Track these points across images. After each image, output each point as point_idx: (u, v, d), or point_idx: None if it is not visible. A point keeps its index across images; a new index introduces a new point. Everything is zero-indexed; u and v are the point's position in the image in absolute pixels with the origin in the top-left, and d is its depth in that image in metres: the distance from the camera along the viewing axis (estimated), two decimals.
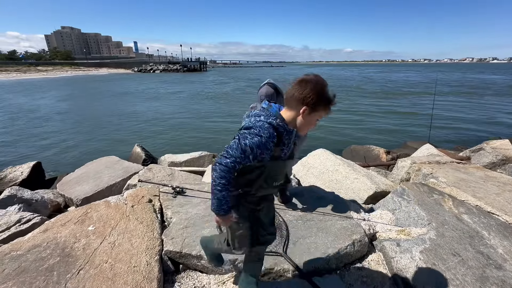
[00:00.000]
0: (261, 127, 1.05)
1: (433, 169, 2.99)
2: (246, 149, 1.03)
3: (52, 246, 1.81)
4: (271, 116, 1.09)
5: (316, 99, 1.03)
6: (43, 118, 13.14)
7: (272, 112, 1.10)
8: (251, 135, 1.04)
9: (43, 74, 60.51)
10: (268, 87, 1.98)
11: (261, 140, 1.03)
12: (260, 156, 1.06)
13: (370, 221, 2.11)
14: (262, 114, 1.10)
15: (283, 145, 1.12)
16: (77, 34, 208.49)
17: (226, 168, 1.05)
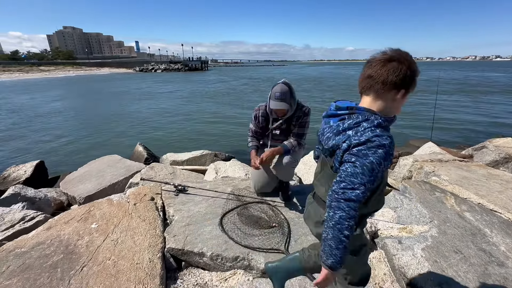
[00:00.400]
0: (378, 135, 0.83)
1: (435, 167, 2.98)
2: (374, 168, 0.82)
3: (56, 244, 1.83)
4: (372, 116, 0.88)
5: (413, 77, 0.87)
6: (45, 117, 13.22)
7: (367, 113, 0.89)
8: (371, 149, 0.82)
9: (46, 74, 60.82)
10: (283, 85, 1.99)
11: (387, 150, 0.83)
12: (386, 167, 0.87)
13: (371, 219, 2.11)
14: (361, 120, 0.88)
15: None
16: (78, 34, 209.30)
17: (358, 202, 0.82)
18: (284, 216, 2.08)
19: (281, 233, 1.88)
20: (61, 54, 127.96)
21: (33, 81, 41.93)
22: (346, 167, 0.85)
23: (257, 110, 2.24)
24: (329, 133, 0.95)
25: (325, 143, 0.96)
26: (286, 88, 1.98)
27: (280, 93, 1.95)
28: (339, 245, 0.84)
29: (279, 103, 1.95)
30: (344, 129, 0.90)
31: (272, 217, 2.09)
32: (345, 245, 0.84)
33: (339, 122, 0.93)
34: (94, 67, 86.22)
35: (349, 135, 0.88)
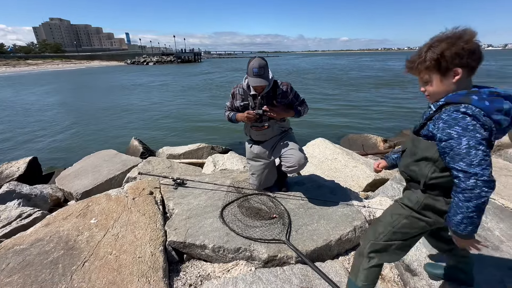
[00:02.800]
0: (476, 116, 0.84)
1: None
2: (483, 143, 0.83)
3: (55, 240, 1.81)
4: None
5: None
6: (36, 112, 12.92)
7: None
8: (473, 131, 0.83)
9: (33, 67, 59.08)
10: (259, 59, 1.96)
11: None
12: None
13: (370, 208, 2.15)
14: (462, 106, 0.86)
15: None
16: (66, 26, 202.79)
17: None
18: (284, 207, 2.09)
19: (281, 224, 1.90)
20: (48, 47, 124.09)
21: (20, 75, 40.72)
22: (463, 152, 0.87)
23: (235, 88, 2.21)
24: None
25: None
26: (264, 62, 1.95)
27: (258, 69, 1.92)
28: (479, 215, 0.87)
29: (258, 79, 1.93)
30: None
31: (272, 208, 2.10)
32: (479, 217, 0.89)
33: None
34: (84, 60, 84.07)
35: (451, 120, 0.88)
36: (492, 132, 0.84)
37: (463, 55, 0.84)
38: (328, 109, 11.99)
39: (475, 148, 0.81)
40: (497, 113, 0.83)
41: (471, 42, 0.84)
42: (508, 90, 0.88)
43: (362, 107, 12.36)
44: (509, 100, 0.84)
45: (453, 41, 0.85)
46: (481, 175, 0.81)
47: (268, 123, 2.17)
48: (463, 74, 0.86)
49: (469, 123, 0.82)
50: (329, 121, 9.91)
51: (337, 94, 16.32)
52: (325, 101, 13.92)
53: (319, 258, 1.71)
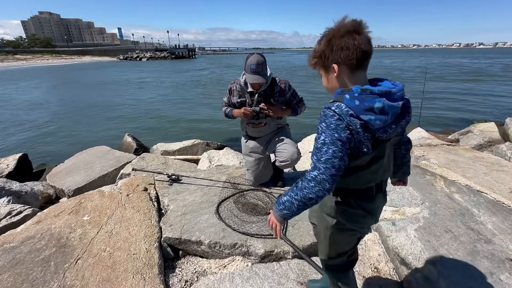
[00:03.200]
0: None
1: (424, 151, 3.05)
2: None
3: (47, 237, 1.77)
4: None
5: None
6: (26, 108, 12.61)
7: None
8: None
9: (22, 62, 57.55)
10: (258, 56, 1.95)
11: None
12: None
13: None
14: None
15: None
16: (56, 20, 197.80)
17: None
18: None
19: None
20: (38, 41, 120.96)
21: (9, 70, 39.62)
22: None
23: (232, 84, 2.19)
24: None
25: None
26: (262, 59, 1.94)
27: (256, 65, 1.90)
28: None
29: (256, 76, 1.91)
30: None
31: (269, 203, 2.09)
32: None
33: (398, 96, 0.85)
34: (75, 55, 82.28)
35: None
36: (356, 133, 0.79)
37: (336, 51, 0.80)
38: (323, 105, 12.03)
39: (327, 146, 0.79)
40: (367, 113, 0.77)
41: (345, 37, 0.78)
42: (387, 85, 0.82)
43: None
44: (385, 97, 0.78)
45: (329, 37, 0.81)
46: (322, 172, 0.80)
47: (265, 121, 2.16)
48: (342, 70, 0.83)
49: (333, 122, 0.79)
50: None
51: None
52: (319, 98, 13.96)
53: (316, 253, 1.70)
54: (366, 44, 0.79)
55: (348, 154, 0.80)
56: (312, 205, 0.86)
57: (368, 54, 0.80)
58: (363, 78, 0.85)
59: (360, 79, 0.84)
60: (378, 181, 0.93)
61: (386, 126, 0.81)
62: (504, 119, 4.82)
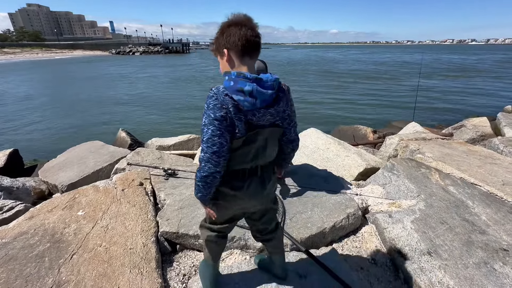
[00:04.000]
0: None
1: (419, 145, 3.08)
2: None
3: (41, 233, 1.74)
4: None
5: None
6: (16, 103, 12.29)
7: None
8: None
9: (11, 56, 55.95)
10: (259, 62, 1.91)
11: None
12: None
13: (362, 196, 2.17)
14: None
15: None
16: (45, 13, 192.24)
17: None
18: (278, 196, 2.08)
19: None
20: (27, 35, 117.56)
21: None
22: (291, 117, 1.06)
23: None
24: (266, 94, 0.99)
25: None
26: (262, 65, 1.90)
27: (257, 71, 1.87)
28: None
29: None
30: (280, 90, 1.02)
31: None
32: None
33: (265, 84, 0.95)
34: (65, 49, 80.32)
35: (285, 93, 1.02)
36: (229, 112, 0.88)
37: (226, 38, 0.89)
38: (319, 101, 12.04)
39: (207, 126, 0.89)
40: (238, 93, 0.86)
41: (232, 27, 0.88)
42: (265, 76, 0.92)
43: (352, 99, 12.48)
44: (256, 83, 0.88)
45: (222, 26, 0.91)
46: (205, 152, 0.91)
47: None
48: (231, 55, 0.91)
49: (211, 102, 0.89)
50: (320, 112, 9.97)
51: (326, 86, 16.40)
52: (315, 93, 13.96)
53: (314, 245, 1.71)
54: (250, 34, 0.88)
55: (228, 131, 0.89)
56: (212, 182, 0.96)
57: (252, 44, 0.89)
58: (250, 66, 0.94)
59: (245, 66, 0.93)
60: (251, 165, 1.00)
61: (254, 110, 0.89)
62: (496, 114, 4.90)
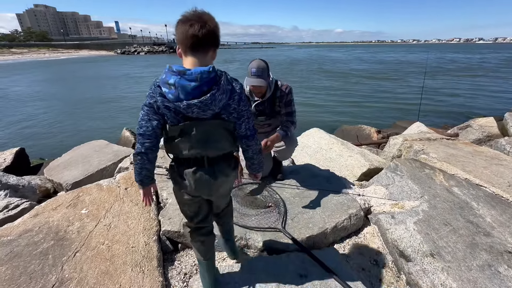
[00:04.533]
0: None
1: (424, 145, 3.05)
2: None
3: (45, 230, 1.76)
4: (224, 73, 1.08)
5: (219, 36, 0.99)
6: (23, 102, 12.48)
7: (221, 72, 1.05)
8: None
9: (18, 56, 56.79)
10: (259, 61, 1.91)
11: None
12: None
13: (365, 196, 2.16)
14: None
15: None
16: (52, 13, 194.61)
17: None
18: (279, 196, 2.08)
19: (277, 212, 1.89)
20: (34, 35, 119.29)
21: (5, 64, 39.10)
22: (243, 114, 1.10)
23: None
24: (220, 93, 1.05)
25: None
26: (263, 64, 1.88)
27: (257, 69, 1.85)
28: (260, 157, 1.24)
29: (255, 80, 1.85)
30: (228, 88, 1.03)
31: (268, 197, 2.08)
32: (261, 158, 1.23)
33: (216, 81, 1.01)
34: (71, 49, 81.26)
35: (233, 91, 1.05)
36: (158, 101, 0.97)
37: (177, 34, 0.95)
38: (322, 100, 11.98)
39: (141, 110, 1.02)
40: (165, 85, 0.93)
41: (182, 23, 0.92)
42: (196, 69, 0.92)
43: (356, 99, 12.40)
44: (181, 75, 0.91)
45: (176, 23, 0.96)
46: (136, 132, 1.04)
47: (270, 122, 2.14)
48: (181, 50, 0.97)
49: (148, 90, 1.00)
50: (323, 112, 9.92)
51: (330, 86, 16.31)
52: (319, 93, 13.90)
53: (315, 246, 1.71)
54: (193, 30, 0.90)
55: (155, 118, 1.00)
56: (140, 162, 1.05)
57: (194, 39, 0.91)
58: (193, 61, 0.96)
59: (188, 60, 0.96)
60: (194, 155, 1.04)
61: (179, 101, 0.93)
62: (503, 114, 4.82)
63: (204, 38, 0.91)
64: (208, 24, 0.91)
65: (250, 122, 1.10)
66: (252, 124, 1.12)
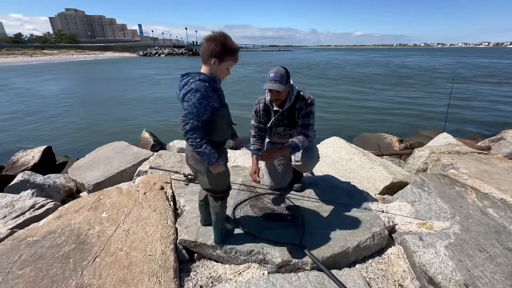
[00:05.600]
0: (196, 85, 1.30)
1: (453, 159, 2.86)
2: (196, 105, 1.29)
3: (67, 233, 1.80)
4: (197, 76, 1.34)
5: (223, 52, 1.32)
6: (51, 102, 13.21)
7: (195, 74, 1.35)
8: (193, 94, 1.29)
9: (49, 57, 60.39)
10: (279, 67, 1.88)
11: (202, 93, 1.29)
12: (209, 105, 1.33)
13: (389, 213, 2.04)
14: (189, 78, 1.35)
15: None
16: (81, 17, 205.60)
17: (193, 130, 1.30)
18: (298, 209, 2.02)
19: (295, 227, 1.82)
20: (64, 37, 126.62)
21: (37, 65, 41.72)
22: (183, 111, 1.31)
23: (256, 104, 2.11)
24: (177, 90, 1.39)
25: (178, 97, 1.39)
26: (282, 70, 1.85)
27: (275, 74, 1.83)
28: (203, 154, 1.35)
29: (273, 84, 1.82)
30: (181, 86, 1.35)
31: (286, 209, 2.02)
32: (205, 152, 1.34)
33: (179, 82, 1.38)
34: (97, 51, 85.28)
35: (183, 88, 1.33)
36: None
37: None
38: (341, 106, 11.71)
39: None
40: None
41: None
42: (191, 72, 1.38)
43: (376, 104, 12.02)
44: (183, 78, 1.36)
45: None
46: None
47: (291, 132, 2.10)
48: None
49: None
50: (342, 118, 9.68)
51: (349, 90, 15.94)
52: (337, 98, 13.63)
53: (336, 265, 1.63)
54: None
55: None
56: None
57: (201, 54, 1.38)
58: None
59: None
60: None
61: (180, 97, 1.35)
62: None
63: (200, 53, 1.38)
64: (204, 42, 1.35)
65: (185, 120, 1.29)
66: (187, 122, 1.29)
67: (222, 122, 1.44)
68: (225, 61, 1.35)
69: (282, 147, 1.95)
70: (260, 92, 2.04)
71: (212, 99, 1.33)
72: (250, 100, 12.49)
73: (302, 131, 1.99)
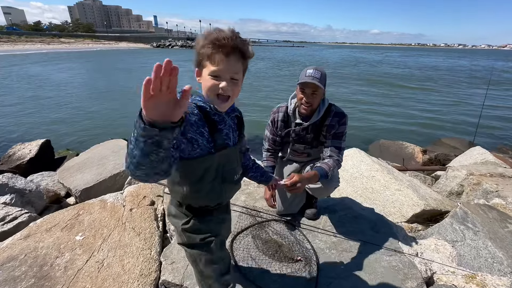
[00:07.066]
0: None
1: (497, 184, 2.41)
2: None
3: (29, 261, 1.50)
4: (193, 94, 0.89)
5: (197, 54, 0.84)
6: (62, 90, 13.20)
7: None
8: None
9: (66, 46, 61.54)
10: (318, 66, 1.51)
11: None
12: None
13: (425, 259, 1.63)
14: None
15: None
16: (98, 6, 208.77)
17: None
18: (311, 245, 1.64)
19: (308, 272, 1.45)
20: (81, 26, 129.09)
21: (53, 52, 42.48)
22: None
23: (275, 112, 1.73)
24: None
25: None
26: (323, 69, 1.52)
27: (314, 70, 1.48)
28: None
29: (311, 78, 1.45)
30: None
31: (296, 245, 1.65)
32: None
33: None
34: (112, 41, 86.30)
35: None
36: None
37: None
38: (357, 110, 11.11)
39: None
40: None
41: None
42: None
43: (395, 108, 11.37)
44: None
45: None
46: None
47: (310, 151, 1.73)
48: None
49: None
50: (358, 122, 9.12)
51: (364, 92, 15.25)
52: (352, 100, 13.01)
53: None
54: None
55: None
56: None
57: None
58: None
59: None
60: None
61: None
62: None
63: None
64: None
65: None
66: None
67: (208, 174, 0.89)
68: (205, 66, 0.84)
69: (310, 175, 1.47)
70: (265, 90, 1.67)
71: (194, 129, 0.82)
72: (255, 100, 12.04)
73: (332, 154, 1.59)
